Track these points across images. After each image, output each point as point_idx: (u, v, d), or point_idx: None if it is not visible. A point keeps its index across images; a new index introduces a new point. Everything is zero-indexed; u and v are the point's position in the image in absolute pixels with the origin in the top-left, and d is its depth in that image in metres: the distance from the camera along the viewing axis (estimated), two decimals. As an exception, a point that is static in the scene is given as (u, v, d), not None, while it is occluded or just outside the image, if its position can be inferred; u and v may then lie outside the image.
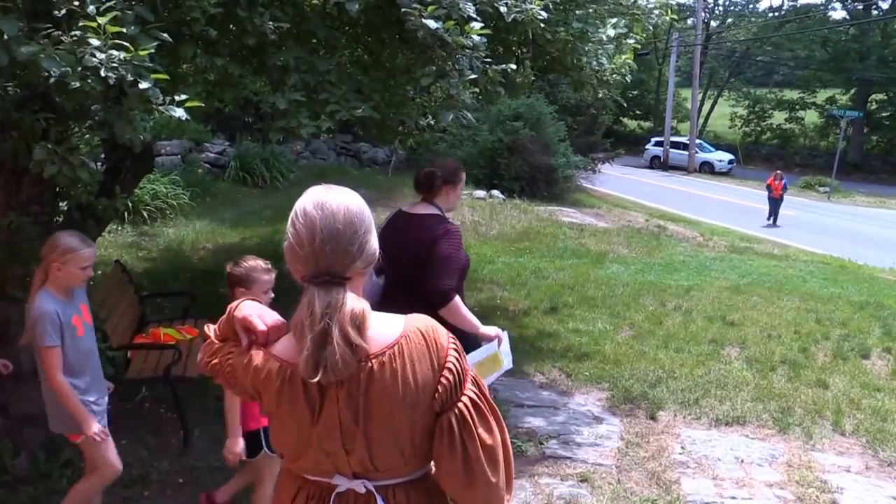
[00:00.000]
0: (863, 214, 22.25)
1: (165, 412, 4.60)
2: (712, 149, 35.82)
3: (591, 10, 5.53)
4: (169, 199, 10.73)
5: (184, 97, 3.14)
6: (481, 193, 15.74)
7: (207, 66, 3.77)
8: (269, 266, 3.24)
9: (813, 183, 28.91)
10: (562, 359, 5.96)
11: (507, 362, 3.37)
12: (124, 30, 2.89)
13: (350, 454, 1.44)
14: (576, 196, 19.62)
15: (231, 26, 3.96)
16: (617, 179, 24.96)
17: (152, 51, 2.96)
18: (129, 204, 9.73)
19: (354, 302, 1.39)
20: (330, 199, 1.43)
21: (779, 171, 19.51)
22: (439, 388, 1.42)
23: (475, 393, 1.47)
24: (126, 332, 4.74)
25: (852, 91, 37.76)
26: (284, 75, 3.86)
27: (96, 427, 3.02)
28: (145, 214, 10.21)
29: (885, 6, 38.23)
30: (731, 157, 34.74)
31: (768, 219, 19.17)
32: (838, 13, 44.25)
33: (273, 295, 3.21)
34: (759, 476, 4.19)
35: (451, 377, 1.43)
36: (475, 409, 1.45)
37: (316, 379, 1.35)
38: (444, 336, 1.47)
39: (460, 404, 1.44)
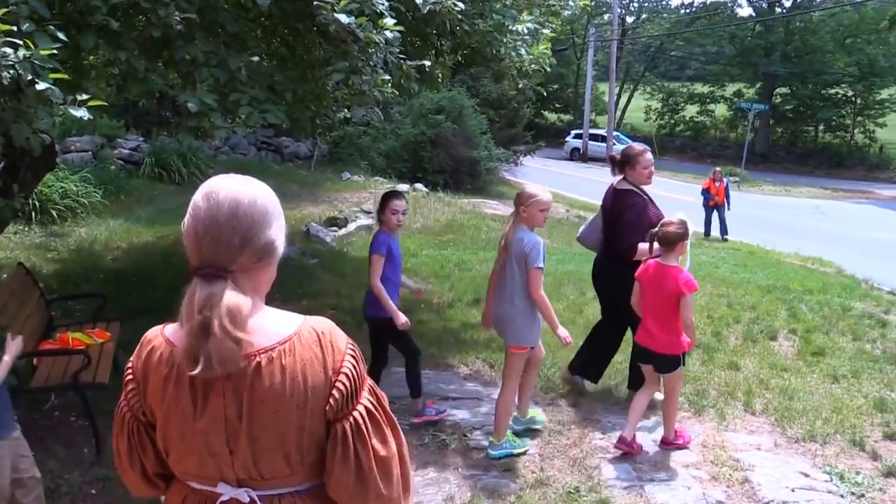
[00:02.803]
0: (770, 202, 23.34)
1: (76, 420, 4.40)
2: (629, 141, 36.82)
3: (508, 2, 5.60)
4: (80, 197, 10.27)
5: (86, 97, 3.00)
6: (405, 187, 15.70)
7: (111, 59, 3.62)
8: None
9: (724, 173, 30.09)
10: (486, 350, 6.02)
11: None
12: (15, 28, 2.74)
13: (234, 455, 1.38)
14: (499, 188, 19.84)
15: (136, 18, 3.81)
16: (538, 171, 25.38)
17: (55, 52, 2.82)
18: (37, 203, 9.27)
19: (233, 296, 1.32)
20: (221, 189, 1.38)
21: (717, 169, 15.74)
22: (334, 393, 1.38)
23: (371, 402, 1.43)
24: (31, 338, 4.51)
25: (758, 85, 39.65)
26: (194, 69, 3.74)
27: None
28: (54, 214, 9.74)
29: (787, 4, 40.26)
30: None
31: (707, 234, 14.92)
32: (745, 10, 46.24)
33: None
34: (675, 458, 4.34)
35: (346, 384, 1.39)
36: (370, 419, 1.41)
37: (195, 372, 1.31)
38: (342, 340, 1.43)
39: (356, 413, 1.39)
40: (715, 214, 15.05)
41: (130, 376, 1.49)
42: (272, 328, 1.38)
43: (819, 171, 34.55)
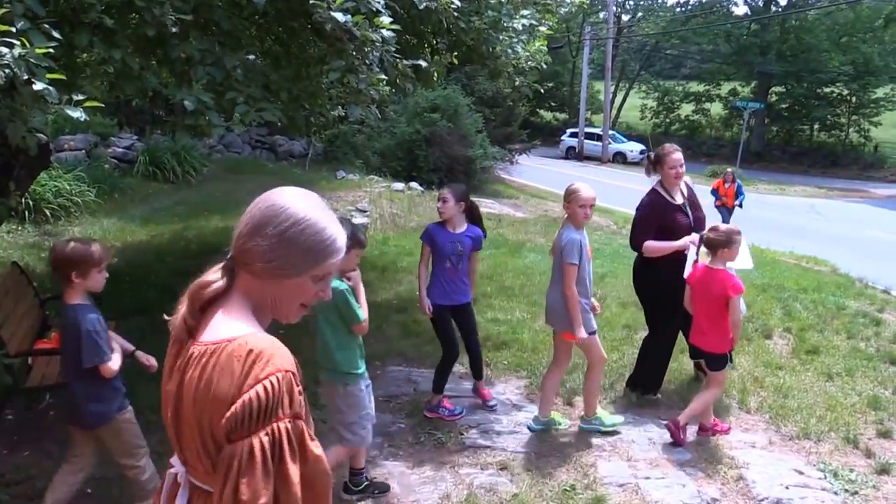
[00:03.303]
0: (765, 201, 23.37)
1: (71, 420, 4.37)
2: (624, 139, 36.98)
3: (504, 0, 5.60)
4: (73, 196, 10.25)
5: (82, 97, 2.99)
6: (399, 186, 15.69)
7: (105, 57, 3.60)
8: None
9: (719, 172, 30.02)
10: (482, 349, 6.01)
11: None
12: (14, 28, 2.73)
13: (174, 429, 1.46)
14: (494, 187, 19.84)
15: (130, 16, 3.80)
16: (534, 170, 25.40)
17: (50, 50, 2.81)
18: (30, 202, 9.25)
19: (216, 285, 1.45)
20: (268, 194, 1.48)
21: (729, 171, 14.97)
22: (228, 414, 1.30)
23: (262, 445, 1.29)
24: (26, 338, 4.49)
25: (753, 84, 39.71)
26: (189, 68, 3.74)
27: None
28: (48, 213, 9.72)
29: (783, 2, 40.32)
30: (642, 147, 35.89)
31: None
32: (740, 9, 46.30)
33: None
34: (671, 456, 4.35)
35: (240, 410, 1.29)
36: (249, 459, 1.28)
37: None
38: (268, 367, 1.32)
39: (238, 445, 1.29)
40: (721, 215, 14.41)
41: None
42: (224, 330, 1.40)
43: (814, 169, 34.64)
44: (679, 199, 4.96)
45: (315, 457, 1.38)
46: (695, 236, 4.70)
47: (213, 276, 1.48)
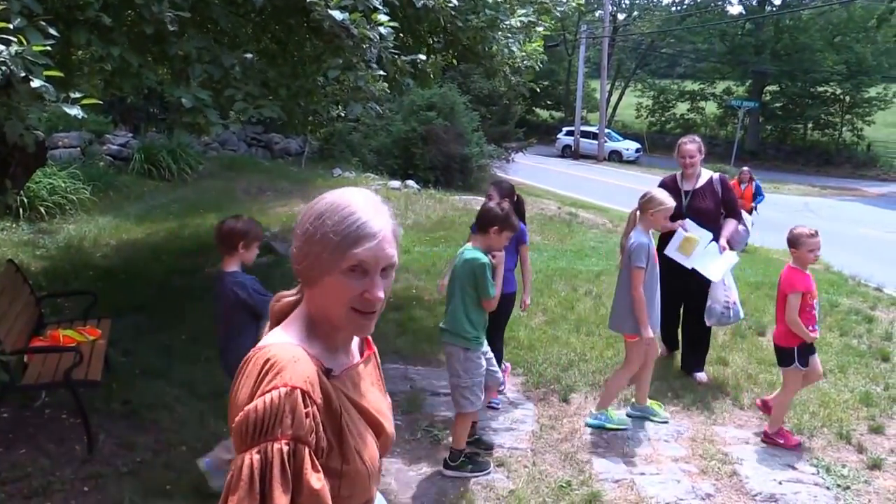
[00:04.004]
0: (759, 199, 23.41)
1: (67, 418, 4.39)
2: (620, 138, 37.02)
3: (500, -1, 5.61)
4: (68, 194, 10.23)
5: (79, 95, 3.00)
6: (396, 184, 15.69)
7: (103, 54, 3.61)
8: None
9: (714, 170, 30.17)
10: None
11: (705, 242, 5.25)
12: (10, 25, 2.73)
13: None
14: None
15: (128, 13, 3.80)
16: (530, 168, 25.40)
17: (48, 48, 2.81)
18: (25, 200, 9.23)
19: (286, 299, 1.44)
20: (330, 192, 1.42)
21: (745, 169, 13.25)
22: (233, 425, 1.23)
23: (252, 463, 1.18)
24: (21, 336, 4.50)
25: (748, 83, 39.81)
26: (187, 65, 3.74)
27: None
28: (42, 210, 9.70)
29: (777, 2, 40.44)
30: (638, 145, 35.99)
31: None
32: (735, 8, 46.38)
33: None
34: (665, 452, 4.39)
35: (238, 421, 1.21)
36: (237, 479, 1.18)
37: None
38: (276, 379, 1.23)
39: (236, 459, 1.21)
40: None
41: None
42: (267, 338, 1.35)
43: (808, 168, 34.75)
44: (686, 187, 5.54)
45: (311, 491, 1.21)
46: (683, 221, 5.32)
47: (291, 291, 1.45)
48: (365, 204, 1.36)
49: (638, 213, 4.48)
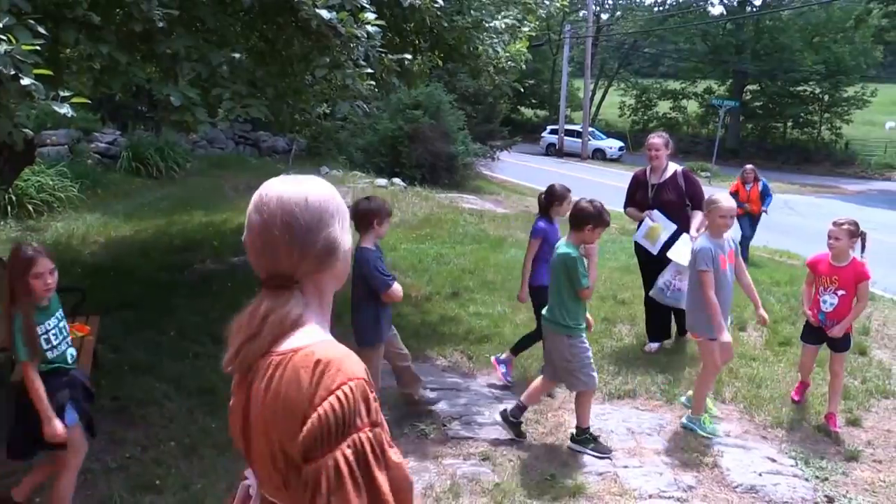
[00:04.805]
0: (741, 198, 23.62)
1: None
2: (604, 136, 37.25)
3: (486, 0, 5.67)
4: (56, 191, 10.20)
5: (69, 93, 3.02)
6: (383, 181, 15.73)
7: (92, 52, 3.62)
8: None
9: (695, 168, 30.41)
10: (463, 342, 6.11)
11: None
12: (0, 24, 2.75)
13: (243, 444, 1.40)
14: (476, 183, 19.91)
15: (116, 11, 3.82)
16: (515, 166, 25.49)
17: (37, 48, 2.83)
18: (13, 197, 9.18)
19: (293, 309, 1.35)
20: (272, 199, 1.34)
21: (748, 167, 11.24)
22: (303, 430, 1.23)
23: (347, 458, 1.22)
24: (10, 333, 4.48)
25: (729, 82, 40.18)
26: (175, 64, 3.77)
27: None
28: (31, 208, 9.66)
29: (757, 3, 40.83)
30: (621, 144, 36.22)
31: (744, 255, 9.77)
32: (716, 9, 46.76)
33: None
34: (648, 445, 4.47)
35: (315, 424, 1.22)
36: (336, 475, 1.21)
37: (229, 369, 1.37)
38: (339, 376, 1.26)
39: (323, 462, 1.22)
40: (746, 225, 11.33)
41: None
42: (294, 340, 1.33)
43: (787, 166, 35.08)
44: (653, 180, 5.95)
45: (395, 464, 1.31)
46: (650, 212, 5.84)
47: (286, 306, 1.39)
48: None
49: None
